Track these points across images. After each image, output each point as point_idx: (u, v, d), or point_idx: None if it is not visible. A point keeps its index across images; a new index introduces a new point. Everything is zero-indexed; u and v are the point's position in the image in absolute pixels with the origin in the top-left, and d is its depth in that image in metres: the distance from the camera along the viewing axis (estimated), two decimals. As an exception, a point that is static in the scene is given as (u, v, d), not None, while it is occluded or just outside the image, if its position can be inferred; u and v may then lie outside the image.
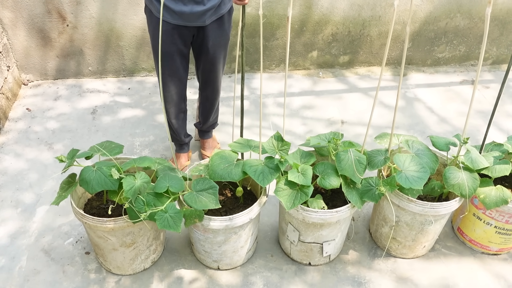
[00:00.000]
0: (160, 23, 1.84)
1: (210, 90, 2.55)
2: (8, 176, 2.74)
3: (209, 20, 2.18)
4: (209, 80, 2.49)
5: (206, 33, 2.23)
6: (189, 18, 2.12)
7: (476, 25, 3.70)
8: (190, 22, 2.14)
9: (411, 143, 2.09)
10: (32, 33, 3.31)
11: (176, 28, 2.16)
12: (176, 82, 2.39)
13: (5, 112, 3.16)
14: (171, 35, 2.18)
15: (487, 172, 2.04)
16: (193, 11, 2.09)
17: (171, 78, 2.36)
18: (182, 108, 2.57)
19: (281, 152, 2.02)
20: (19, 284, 2.16)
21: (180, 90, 2.45)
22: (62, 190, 1.92)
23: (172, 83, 2.38)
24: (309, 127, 3.19)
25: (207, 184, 1.88)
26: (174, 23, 2.14)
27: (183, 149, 2.79)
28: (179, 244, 2.36)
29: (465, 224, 2.34)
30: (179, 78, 2.38)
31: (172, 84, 2.39)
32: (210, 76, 2.46)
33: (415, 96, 3.54)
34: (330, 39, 3.65)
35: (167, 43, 2.21)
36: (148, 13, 2.21)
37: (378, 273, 2.25)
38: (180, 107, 2.54)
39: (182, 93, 2.48)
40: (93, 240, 2.06)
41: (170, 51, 2.24)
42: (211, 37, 2.25)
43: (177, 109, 2.53)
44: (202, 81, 2.52)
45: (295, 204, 1.89)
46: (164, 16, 2.12)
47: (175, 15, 2.11)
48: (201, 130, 2.86)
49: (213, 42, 2.27)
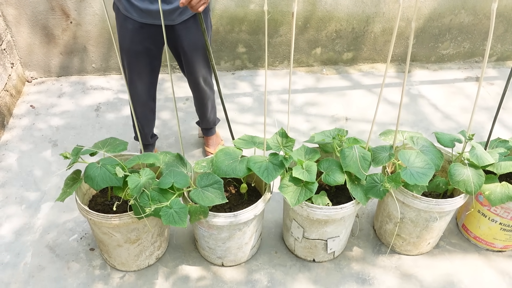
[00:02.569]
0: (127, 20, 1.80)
1: (197, 90, 2.51)
2: (12, 172, 2.74)
3: (179, 19, 2.12)
4: (194, 81, 2.44)
5: (178, 32, 2.18)
6: (157, 17, 2.07)
7: (480, 21, 3.68)
8: (158, 21, 2.09)
9: (416, 140, 2.08)
10: (36, 30, 3.31)
11: (145, 26, 2.12)
12: (144, 81, 2.34)
13: (9, 109, 3.17)
14: (138, 33, 2.14)
15: (492, 169, 2.03)
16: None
17: (139, 77, 2.32)
18: (150, 108, 2.52)
19: (286, 148, 2.01)
20: (24, 280, 2.17)
21: (148, 89, 2.40)
22: (66, 187, 1.92)
23: (139, 82, 2.34)
24: (312, 124, 3.19)
25: (212, 179, 1.87)
26: (142, 22, 2.10)
27: (148, 149, 2.73)
28: (183, 241, 2.36)
29: (469, 221, 2.34)
30: (147, 77, 2.34)
31: (139, 83, 2.34)
32: (193, 77, 2.41)
33: (419, 93, 3.53)
34: (334, 36, 3.64)
35: (135, 41, 2.16)
36: (116, 10, 2.16)
37: (382, 269, 2.25)
38: (147, 106, 2.49)
39: (150, 92, 2.44)
40: (98, 236, 2.07)
41: (137, 50, 2.20)
42: (185, 37, 2.20)
43: (144, 108, 2.48)
44: (188, 81, 2.49)
45: (300, 200, 1.88)
46: (132, 14, 2.08)
47: (142, 13, 2.06)
48: (203, 128, 2.86)
49: (189, 42, 2.22)
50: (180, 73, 3.67)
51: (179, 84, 3.55)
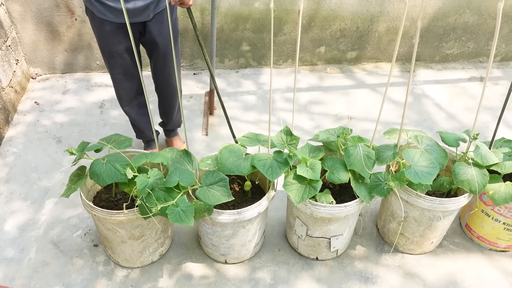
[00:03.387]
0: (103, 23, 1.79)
1: (166, 87, 2.49)
2: (17, 168, 2.75)
3: (153, 14, 2.13)
4: (164, 78, 2.44)
5: (152, 27, 2.18)
6: (133, 14, 2.07)
7: (485, 21, 3.68)
8: (135, 18, 2.09)
9: (421, 139, 2.08)
10: (41, 27, 3.32)
11: (122, 26, 2.11)
12: (130, 79, 2.36)
13: (14, 105, 3.18)
14: (117, 34, 2.14)
15: (497, 168, 2.03)
16: (136, 7, 2.04)
17: (125, 76, 2.33)
18: (141, 103, 2.52)
19: (290, 146, 2.02)
20: (28, 275, 2.18)
21: (136, 86, 2.41)
22: (71, 183, 1.93)
23: (126, 81, 2.35)
24: (316, 122, 3.19)
25: (217, 177, 1.88)
26: (119, 22, 2.09)
27: (151, 145, 2.74)
28: (186, 238, 2.37)
29: (473, 221, 2.34)
30: (132, 75, 2.35)
31: (126, 82, 2.35)
32: (164, 73, 2.41)
33: (423, 93, 3.53)
34: (338, 35, 3.64)
35: (115, 42, 2.16)
36: (90, 15, 2.14)
37: (385, 268, 2.25)
38: (138, 102, 2.50)
39: (139, 88, 2.44)
40: (102, 232, 2.07)
41: (119, 50, 2.20)
42: (159, 31, 2.20)
43: (136, 105, 2.49)
44: (157, 79, 2.48)
45: (304, 198, 1.89)
46: (107, 16, 2.07)
47: (118, 13, 2.05)
48: (168, 129, 2.82)
49: (162, 36, 2.23)
50: (183, 70, 3.67)
51: (182, 81, 3.55)
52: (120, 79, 2.34)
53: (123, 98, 2.44)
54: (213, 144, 2.98)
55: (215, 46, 2.84)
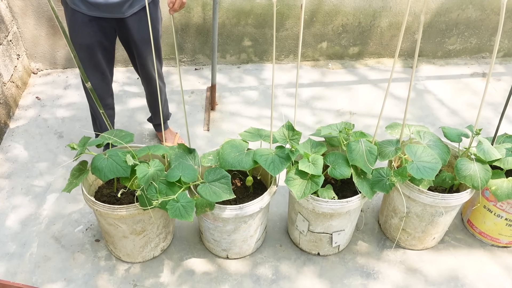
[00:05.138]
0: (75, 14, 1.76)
1: (151, 84, 2.47)
2: (18, 163, 2.75)
3: (129, 12, 2.09)
4: (145, 76, 2.42)
5: (128, 25, 2.14)
6: (106, 9, 2.04)
7: (488, 17, 3.66)
8: (107, 14, 2.06)
9: (423, 134, 2.08)
10: (42, 22, 3.31)
11: (94, 20, 2.08)
12: (99, 76, 2.31)
13: (15, 100, 3.17)
14: (89, 27, 2.09)
15: (499, 164, 2.02)
16: (108, 2, 2.01)
17: (94, 73, 2.27)
18: (108, 105, 2.48)
19: (292, 141, 2.01)
20: (30, 270, 2.18)
21: (105, 84, 2.37)
22: (73, 177, 1.93)
23: (94, 77, 2.28)
24: (318, 117, 3.18)
25: (219, 174, 1.87)
26: (91, 15, 2.05)
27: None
28: (188, 233, 2.37)
29: (475, 216, 2.33)
30: (102, 72, 2.30)
31: (94, 78, 2.29)
32: (144, 71, 2.38)
33: (425, 88, 3.52)
34: (340, 30, 3.62)
35: (86, 35, 2.12)
36: (64, 5, 2.11)
37: (387, 264, 2.25)
38: (105, 103, 2.45)
39: (107, 88, 2.40)
40: (104, 227, 2.07)
41: (89, 44, 2.15)
42: (135, 30, 2.16)
43: (102, 105, 2.42)
44: (141, 76, 2.45)
45: (306, 193, 1.88)
46: (80, 8, 2.03)
47: (91, 6, 2.02)
48: (157, 124, 2.81)
49: (139, 36, 2.18)
50: (185, 66, 3.66)
51: (184, 77, 3.55)
52: (90, 74, 2.26)
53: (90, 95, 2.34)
54: (215, 139, 2.97)
55: (216, 41, 2.83)
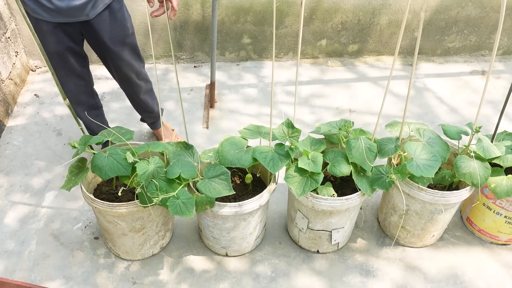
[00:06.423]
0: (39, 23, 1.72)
1: (130, 86, 2.39)
2: (17, 161, 2.75)
3: (93, 13, 1.98)
4: (122, 78, 2.33)
5: (96, 27, 2.03)
6: (69, 14, 1.94)
7: (487, 14, 3.65)
8: (71, 18, 1.96)
9: (423, 132, 2.07)
10: (41, 19, 3.29)
11: (59, 26, 1.99)
12: (76, 80, 2.26)
13: (14, 98, 3.16)
14: (55, 34, 2.01)
15: (499, 162, 2.02)
16: (70, 6, 1.90)
17: (69, 78, 2.22)
18: (92, 105, 2.44)
19: (292, 139, 2.01)
20: (28, 267, 2.18)
21: (83, 86, 2.32)
22: (71, 174, 1.92)
23: (71, 82, 2.24)
24: (317, 115, 3.18)
25: (219, 170, 1.87)
26: (55, 21, 1.96)
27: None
28: (187, 230, 2.37)
29: (474, 214, 2.33)
30: (78, 75, 2.25)
31: (72, 83, 2.25)
32: (121, 73, 2.28)
33: (424, 86, 3.51)
34: (340, 28, 3.62)
35: (54, 43, 2.04)
36: (27, 14, 1.99)
37: (386, 261, 2.25)
38: (88, 104, 2.41)
39: (87, 89, 2.35)
40: (103, 225, 2.07)
41: (59, 51, 2.08)
42: (105, 31, 2.06)
43: (85, 107, 2.40)
44: (117, 79, 2.36)
45: (305, 191, 1.88)
46: (42, 15, 1.94)
47: (53, 13, 1.92)
48: (150, 123, 2.76)
49: (110, 36, 2.08)
50: (184, 63, 3.65)
51: (183, 74, 3.54)
52: (66, 80, 2.22)
53: (71, 100, 2.31)
54: (214, 137, 2.97)
55: (216, 39, 2.83)
